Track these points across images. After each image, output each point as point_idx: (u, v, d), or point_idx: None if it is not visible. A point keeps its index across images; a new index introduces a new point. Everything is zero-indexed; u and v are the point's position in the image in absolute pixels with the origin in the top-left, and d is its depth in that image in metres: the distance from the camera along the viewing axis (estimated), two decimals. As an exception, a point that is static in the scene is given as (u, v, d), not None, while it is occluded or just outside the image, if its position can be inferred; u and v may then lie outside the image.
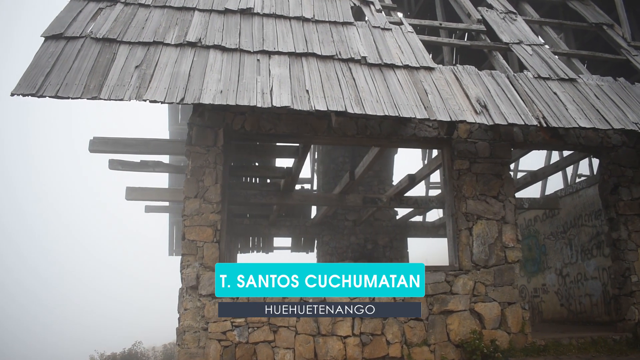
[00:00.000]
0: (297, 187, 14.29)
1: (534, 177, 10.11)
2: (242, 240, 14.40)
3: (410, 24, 7.42)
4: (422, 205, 11.00)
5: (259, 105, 5.45)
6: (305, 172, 17.04)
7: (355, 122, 6.94)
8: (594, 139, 7.80)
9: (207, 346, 6.06)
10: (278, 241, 14.87)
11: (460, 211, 6.99)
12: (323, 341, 6.21)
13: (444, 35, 8.72)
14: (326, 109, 5.53)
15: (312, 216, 14.12)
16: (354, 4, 7.53)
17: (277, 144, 8.41)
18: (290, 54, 6.20)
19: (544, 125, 6.02)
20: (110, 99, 5.34)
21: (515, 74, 6.78)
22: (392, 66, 6.36)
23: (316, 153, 14.79)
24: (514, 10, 8.16)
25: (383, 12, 7.49)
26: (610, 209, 7.80)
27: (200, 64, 5.84)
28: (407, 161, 19.48)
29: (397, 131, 7.09)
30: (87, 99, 5.33)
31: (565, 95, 6.58)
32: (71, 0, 6.69)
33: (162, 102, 5.35)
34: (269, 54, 6.16)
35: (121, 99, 5.33)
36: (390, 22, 7.31)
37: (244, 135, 6.89)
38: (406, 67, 6.39)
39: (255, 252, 14.65)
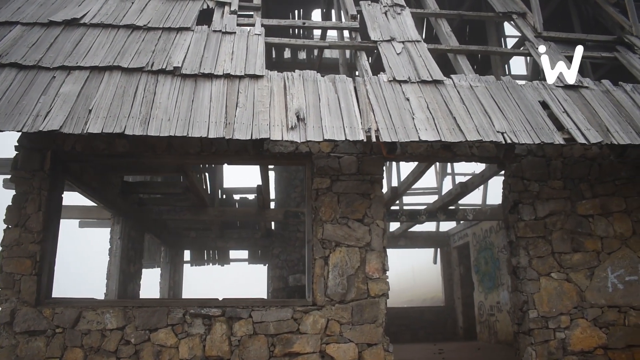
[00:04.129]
0: (253, 197, 13.69)
1: (464, 188, 8.97)
2: (196, 253, 13.97)
3: (267, 25, 6.60)
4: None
5: (25, 130, 4.87)
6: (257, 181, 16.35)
7: (199, 139, 6.23)
8: (490, 149, 6.69)
9: (19, 388, 5.59)
10: (235, 253, 14.34)
11: (316, 237, 6.13)
12: (144, 389, 5.57)
13: (338, 36, 7.80)
14: (100, 132, 4.88)
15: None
16: (208, 6, 6.79)
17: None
18: (92, 69, 5.56)
19: (373, 140, 5.08)
20: None
21: (366, 79, 5.83)
22: (211, 76, 5.59)
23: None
24: (402, 4, 7.11)
25: (238, 13, 6.72)
26: (510, 231, 6.66)
27: (-16, 85, 5.32)
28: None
29: (247, 148, 6.31)
30: None
31: (420, 100, 5.57)
32: None
33: None
34: (69, 69, 5.55)
35: None
36: (240, 24, 6.53)
37: (76, 157, 6.31)
38: (227, 76, 5.60)
39: (210, 264, 14.18)
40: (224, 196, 12.96)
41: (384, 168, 6.78)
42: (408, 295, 25.47)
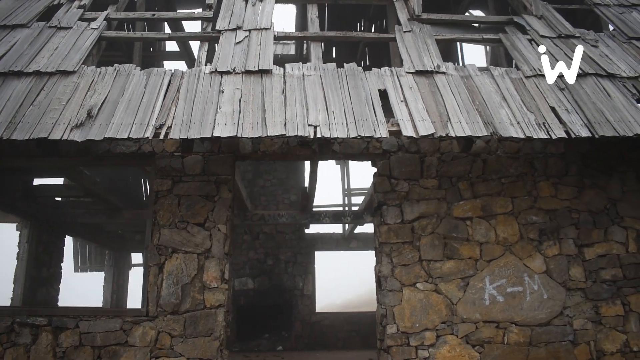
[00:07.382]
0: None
1: (375, 186, 8.29)
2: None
3: (113, 18, 6.25)
4: (269, 221, 9.73)
5: None
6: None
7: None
8: (355, 145, 6.08)
9: None
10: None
11: (152, 243, 5.73)
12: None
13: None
14: None
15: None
16: (59, 1, 6.50)
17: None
18: None
19: (161, 137, 4.64)
20: None
21: (186, 71, 5.39)
22: (20, 74, 5.29)
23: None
24: (271, -10, 6.58)
25: (88, 6, 6.39)
26: (375, 236, 6.03)
27: None
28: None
29: (89, 148, 5.99)
30: None
31: (236, 92, 5.06)
32: None
33: None
34: None
35: None
36: (86, 19, 6.20)
37: None
38: (37, 73, 5.29)
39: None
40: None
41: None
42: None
